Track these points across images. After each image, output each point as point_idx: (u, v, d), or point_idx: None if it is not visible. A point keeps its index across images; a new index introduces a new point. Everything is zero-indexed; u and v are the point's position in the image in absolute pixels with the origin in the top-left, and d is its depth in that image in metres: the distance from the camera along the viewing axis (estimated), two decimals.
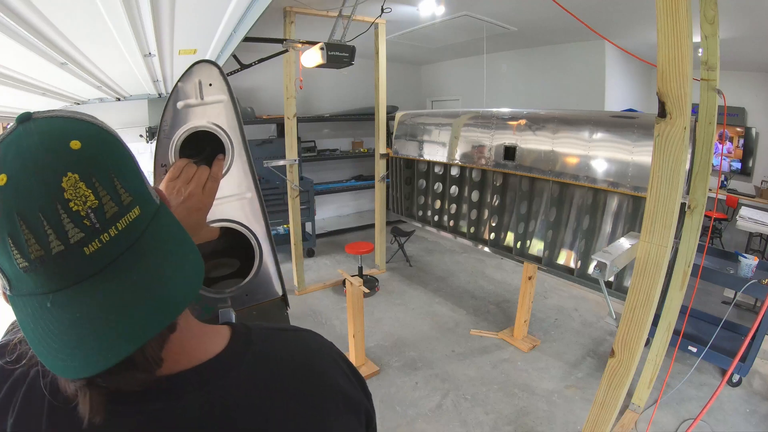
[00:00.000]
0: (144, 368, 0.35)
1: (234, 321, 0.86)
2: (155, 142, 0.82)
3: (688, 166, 1.86)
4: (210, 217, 0.84)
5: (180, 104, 0.82)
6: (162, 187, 0.70)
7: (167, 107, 0.82)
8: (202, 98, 0.84)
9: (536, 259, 2.84)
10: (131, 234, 0.35)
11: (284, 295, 1.00)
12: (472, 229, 3.35)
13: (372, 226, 4.95)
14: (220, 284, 0.94)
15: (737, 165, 4.66)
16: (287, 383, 0.46)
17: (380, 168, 4.35)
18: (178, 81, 0.82)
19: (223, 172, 0.85)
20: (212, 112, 0.85)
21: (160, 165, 0.80)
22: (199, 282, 0.38)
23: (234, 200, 0.91)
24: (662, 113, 1.24)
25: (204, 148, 0.85)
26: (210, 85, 0.84)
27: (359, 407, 0.50)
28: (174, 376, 0.40)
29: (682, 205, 1.92)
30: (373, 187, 4.72)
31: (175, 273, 0.37)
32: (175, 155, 0.81)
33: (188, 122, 0.83)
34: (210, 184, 0.73)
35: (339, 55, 2.74)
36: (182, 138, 0.82)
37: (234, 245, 0.95)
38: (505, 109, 3.03)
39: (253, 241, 0.94)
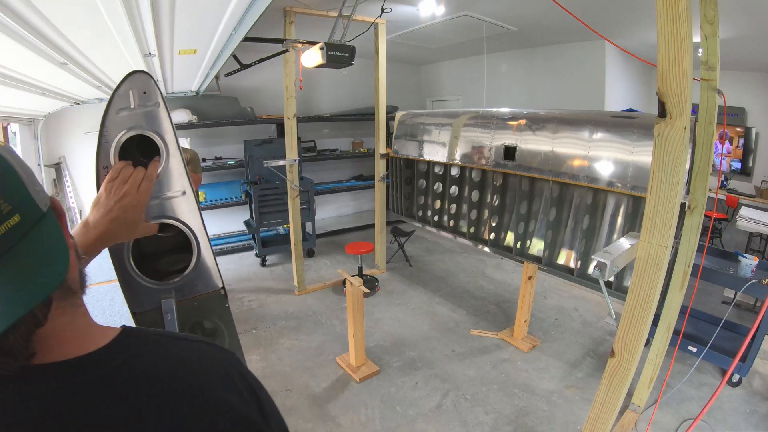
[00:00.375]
0: (12, 356, 0.41)
1: (174, 311, 0.97)
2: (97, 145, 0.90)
3: (688, 166, 1.86)
4: (149, 213, 0.95)
5: (118, 111, 0.90)
6: (102, 187, 0.80)
7: (107, 113, 0.90)
8: (137, 105, 0.92)
9: (536, 259, 2.84)
10: (10, 238, 0.40)
11: (223, 287, 1.09)
12: (472, 229, 3.35)
13: (372, 226, 4.95)
14: (170, 276, 1.03)
15: (737, 165, 4.66)
16: (159, 386, 0.48)
17: (380, 168, 4.35)
18: (115, 89, 0.90)
19: (158, 172, 0.93)
20: (147, 117, 0.93)
21: (102, 167, 0.88)
22: (56, 284, 0.42)
23: (171, 198, 0.99)
24: (662, 113, 1.24)
25: (142, 150, 0.93)
26: (144, 92, 0.92)
27: (250, 427, 0.51)
28: (46, 365, 0.45)
29: (682, 205, 1.92)
30: (373, 187, 4.72)
31: (41, 273, 0.42)
32: (114, 158, 0.89)
33: (125, 127, 0.91)
34: (145, 184, 0.82)
35: (339, 55, 2.74)
36: (121, 142, 0.90)
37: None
38: (505, 109, 3.03)
39: (191, 235, 1.02)
